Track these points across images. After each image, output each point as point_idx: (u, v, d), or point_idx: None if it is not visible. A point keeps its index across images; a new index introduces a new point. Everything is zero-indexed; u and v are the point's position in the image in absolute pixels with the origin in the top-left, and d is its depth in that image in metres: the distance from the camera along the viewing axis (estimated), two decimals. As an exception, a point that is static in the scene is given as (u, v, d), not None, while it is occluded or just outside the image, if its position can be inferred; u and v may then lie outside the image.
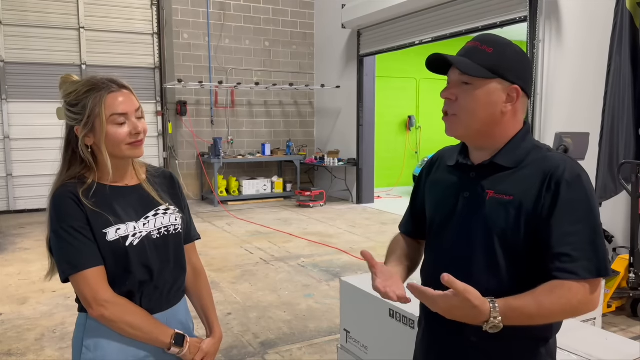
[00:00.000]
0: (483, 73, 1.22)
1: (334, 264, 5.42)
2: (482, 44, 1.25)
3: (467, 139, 1.32)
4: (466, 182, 1.32)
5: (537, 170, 1.22)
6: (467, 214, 1.29)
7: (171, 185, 1.63)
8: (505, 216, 1.22)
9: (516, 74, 1.24)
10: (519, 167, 1.25)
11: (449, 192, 1.35)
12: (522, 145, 1.27)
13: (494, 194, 1.25)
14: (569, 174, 1.19)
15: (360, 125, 9.22)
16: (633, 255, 3.97)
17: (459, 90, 1.26)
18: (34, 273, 5.11)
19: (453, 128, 1.30)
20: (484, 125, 1.25)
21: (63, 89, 1.46)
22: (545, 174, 1.20)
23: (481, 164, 1.30)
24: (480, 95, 1.23)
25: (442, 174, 1.41)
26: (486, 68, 1.22)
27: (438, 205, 1.39)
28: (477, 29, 6.58)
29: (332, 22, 9.48)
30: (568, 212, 1.17)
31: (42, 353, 3.40)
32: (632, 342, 1.93)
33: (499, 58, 1.23)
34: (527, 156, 1.26)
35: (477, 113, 1.24)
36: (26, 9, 8.34)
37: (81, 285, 1.37)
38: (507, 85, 1.24)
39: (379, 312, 2.20)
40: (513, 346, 1.25)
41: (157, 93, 9.30)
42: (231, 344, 3.49)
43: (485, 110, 1.24)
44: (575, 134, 4.10)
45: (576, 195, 1.18)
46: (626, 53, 4.41)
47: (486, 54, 1.23)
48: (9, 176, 8.46)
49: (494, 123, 1.25)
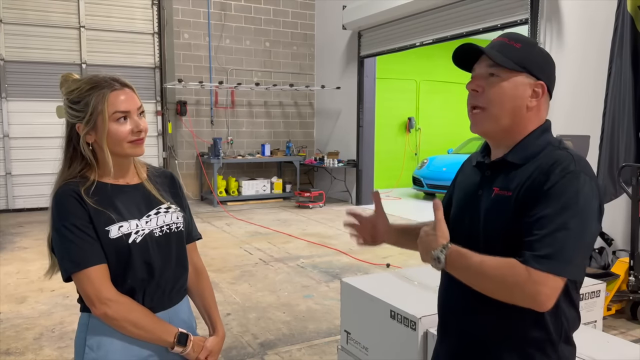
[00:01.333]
0: (512, 65, 1.23)
1: (333, 265, 5.42)
2: (510, 40, 1.27)
3: (493, 134, 1.30)
4: (483, 180, 1.33)
5: (539, 165, 1.21)
6: (477, 211, 1.30)
7: (172, 185, 1.64)
8: (504, 212, 1.22)
9: (542, 71, 1.26)
10: (527, 164, 1.24)
11: (468, 192, 1.37)
12: (535, 143, 1.27)
13: (498, 191, 1.26)
14: (562, 169, 1.17)
15: (360, 127, 9.22)
16: (633, 258, 3.97)
17: (485, 82, 1.26)
18: (33, 272, 5.09)
19: (480, 123, 1.29)
20: (510, 118, 1.25)
21: (64, 87, 1.46)
22: (542, 169, 1.19)
23: (494, 161, 1.31)
24: (507, 87, 1.24)
25: (465, 176, 1.43)
26: (514, 62, 1.24)
27: (457, 202, 1.41)
28: (477, 31, 6.59)
29: (333, 23, 9.48)
30: (545, 202, 1.15)
31: (41, 352, 3.39)
32: (634, 345, 1.93)
33: (526, 53, 1.25)
34: (539, 154, 1.25)
35: (504, 105, 1.24)
36: (26, 7, 8.34)
37: (84, 283, 1.37)
38: (533, 80, 1.25)
39: (379, 314, 2.19)
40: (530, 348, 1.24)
41: (157, 93, 9.29)
42: (230, 344, 3.49)
43: (513, 102, 1.24)
44: (576, 137, 4.11)
45: (561, 190, 1.15)
46: (627, 56, 4.41)
47: (515, 49, 1.25)
48: (8, 175, 8.45)
49: (519, 117, 1.26)
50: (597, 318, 2.68)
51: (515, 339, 1.25)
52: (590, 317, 2.65)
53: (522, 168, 1.24)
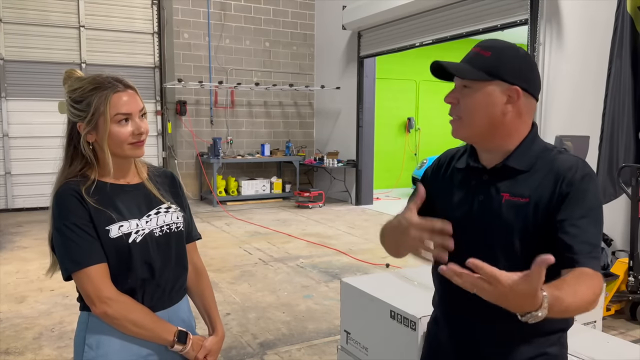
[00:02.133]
0: (480, 76, 1.25)
1: (333, 265, 5.42)
2: (481, 49, 1.28)
3: (472, 140, 1.35)
4: (479, 185, 1.34)
5: (550, 171, 1.26)
6: (484, 217, 1.30)
7: (172, 185, 1.64)
8: (524, 218, 1.25)
9: (516, 75, 1.26)
10: (532, 170, 1.28)
11: (462, 196, 1.36)
12: (533, 148, 1.30)
13: (509, 197, 1.27)
14: (581, 174, 1.23)
15: (360, 127, 9.22)
16: (632, 259, 3.97)
17: (460, 94, 1.30)
18: (32, 272, 5.09)
19: (457, 130, 1.33)
20: (485, 126, 1.28)
21: (67, 84, 1.46)
22: (559, 175, 1.24)
23: (494, 167, 1.32)
24: (479, 98, 1.26)
25: (453, 177, 1.42)
26: (484, 71, 1.25)
27: (454, 208, 1.38)
28: (477, 32, 6.59)
29: (333, 23, 9.48)
30: (578, 204, 1.21)
31: (41, 352, 3.39)
32: (633, 346, 1.93)
33: (496, 61, 1.26)
34: (538, 158, 1.29)
35: (477, 114, 1.27)
36: (26, 6, 8.33)
37: (84, 282, 1.37)
38: (507, 86, 1.25)
39: (379, 314, 2.20)
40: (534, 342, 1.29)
41: (156, 92, 9.29)
42: (230, 344, 3.49)
43: (485, 111, 1.26)
44: (576, 137, 4.11)
45: (587, 192, 1.22)
46: (626, 57, 4.42)
47: (484, 58, 1.27)
48: (8, 174, 8.44)
49: (496, 124, 1.27)
50: (596, 318, 2.68)
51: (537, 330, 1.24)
52: (589, 317, 2.65)
53: (528, 173, 1.28)
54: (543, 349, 1.29)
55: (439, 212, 1.43)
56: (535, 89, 1.30)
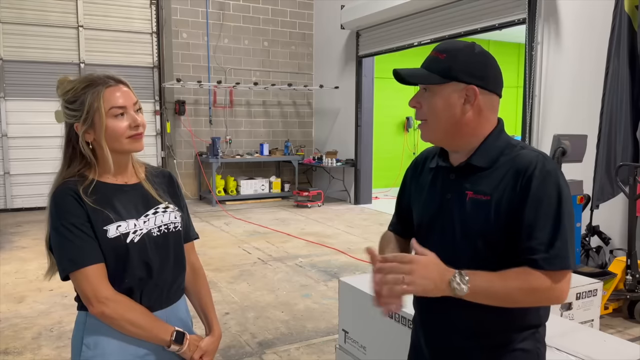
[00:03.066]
0: (433, 79, 1.28)
1: (332, 264, 5.42)
2: (437, 52, 1.30)
3: (439, 142, 1.37)
4: (448, 184, 1.36)
5: (511, 168, 1.26)
6: (450, 216, 1.33)
7: (170, 185, 1.64)
8: (485, 216, 1.26)
9: (470, 74, 1.26)
10: (494, 167, 1.29)
11: (433, 195, 1.39)
12: (495, 144, 1.31)
13: (473, 195, 1.29)
14: (540, 171, 1.22)
15: (359, 126, 9.22)
16: (630, 257, 3.98)
17: (422, 98, 1.33)
18: (31, 271, 5.10)
19: (424, 134, 1.36)
20: (448, 126, 1.30)
21: (60, 89, 1.47)
22: (519, 172, 1.24)
23: (459, 165, 1.34)
24: (438, 100, 1.28)
25: (425, 176, 1.45)
26: (439, 74, 1.27)
27: (423, 207, 1.42)
28: (475, 31, 6.60)
29: (331, 22, 9.48)
30: (535, 206, 1.21)
31: (39, 352, 3.39)
32: (630, 344, 1.94)
33: (450, 62, 1.27)
34: (501, 155, 1.29)
35: (439, 116, 1.29)
36: (24, 7, 8.33)
37: (82, 282, 1.37)
38: (463, 86, 1.27)
39: (377, 313, 2.19)
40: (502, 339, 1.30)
41: (155, 92, 9.29)
42: (229, 343, 3.49)
43: (445, 112, 1.28)
44: (573, 136, 4.12)
45: (545, 191, 1.21)
46: (624, 56, 4.43)
47: (439, 61, 1.29)
48: (6, 174, 8.44)
49: (458, 124, 1.29)
50: (594, 317, 2.69)
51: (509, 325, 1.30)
52: (587, 316, 2.66)
53: (490, 171, 1.29)
54: (515, 345, 1.30)
55: (414, 212, 1.47)
56: (494, 85, 1.30)
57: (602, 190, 4.45)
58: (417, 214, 1.45)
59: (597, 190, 4.47)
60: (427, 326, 1.44)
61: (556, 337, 1.84)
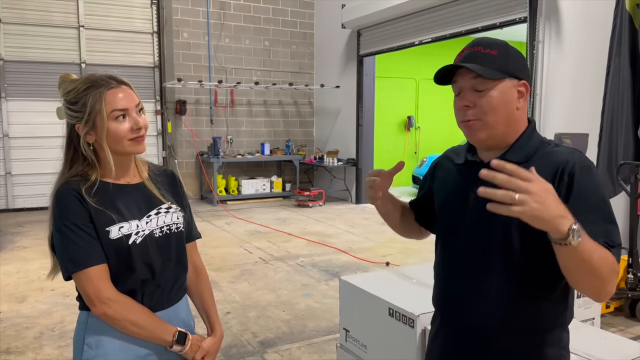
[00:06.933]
0: (497, 75, 1.25)
1: (333, 264, 5.43)
2: (484, 48, 1.27)
3: (492, 139, 1.30)
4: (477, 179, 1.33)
5: (547, 163, 1.24)
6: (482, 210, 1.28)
7: (173, 184, 1.63)
8: None
9: (522, 70, 1.29)
10: (529, 162, 1.26)
11: (459, 190, 1.37)
12: (530, 142, 1.31)
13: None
14: (580, 166, 1.22)
15: (360, 125, 9.22)
16: (631, 256, 3.97)
17: (474, 96, 1.27)
18: (33, 271, 5.10)
19: (475, 133, 1.29)
20: (506, 124, 1.28)
21: (62, 87, 1.46)
22: (557, 167, 1.23)
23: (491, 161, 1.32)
24: (497, 96, 1.25)
25: (451, 173, 1.43)
26: (497, 70, 1.25)
27: (448, 202, 1.41)
28: (476, 30, 6.59)
29: (332, 22, 9.48)
30: (583, 200, 1.19)
31: (41, 351, 3.40)
32: (631, 342, 1.94)
33: (505, 59, 1.27)
34: (536, 151, 1.29)
35: (499, 113, 1.26)
36: (26, 7, 8.34)
37: (84, 283, 1.37)
38: (516, 82, 1.27)
39: (378, 311, 2.20)
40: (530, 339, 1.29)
41: (156, 92, 9.29)
42: (230, 343, 3.50)
43: (505, 108, 1.26)
44: (575, 135, 4.12)
45: (589, 185, 1.20)
46: (625, 54, 4.42)
47: (493, 56, 1.26)
48: (8, 174, 8.46)
49: (513, 120, 1.28)
50: (594, 315, 2.70)
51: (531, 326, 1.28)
52: (588, 314, 2.66)
53: (525, 165, 1.25)
54: (540, 350, 1.28)
55: (437, 209, 1.46)
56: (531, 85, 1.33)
57: (603, 189, 4.44)
58: (440, 210, 1.44)
59: (599, 188, 4.45)
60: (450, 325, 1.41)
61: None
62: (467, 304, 1.33)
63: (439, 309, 1.46)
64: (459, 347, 1.38)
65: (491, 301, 1.23)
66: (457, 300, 1.36)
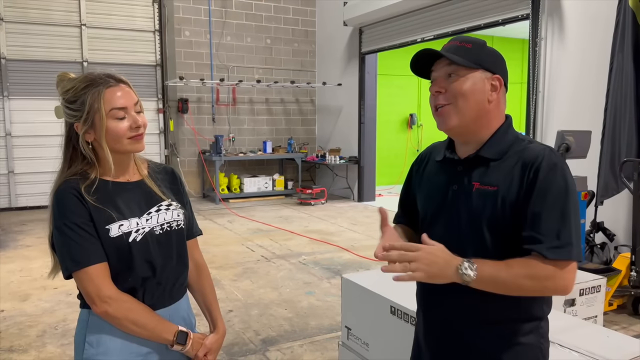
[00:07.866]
0: (469, 63, 1.30)
1: (335, 262, 5.42)
2: (461, 42, 1.34)
3: (460, 127, 1.34)
4: (454, 175, 1.38)
5: (518, 160, 1.29)
6: (456, 206, 1.35)
7: (173, 181, 1.63)
8: (492, 206, 1.28)
9: (495, 66, 1.34)
10: (503, 159, 1.31)
11: (439, 186, 1.41)
12: (505, 138, 1.34)
13: (479, 186, 1.31)
14: (546, 163, 1.25)
15: (362, 123, 9.21)
16: (635, 254, 3.96)
17: (446, 83, 1.32)
18: (36, 270, 5.12)
19: (447, 117, 1.34)
20: (475, 111, 1.31)
21: (60, 86, 1.46)
22: (526, 164, 1.27)
23: (467, 157, 1.36)
24: (468, 83, 1.31)
25: (431, 169, 1.48)
26: (469, 60, 1.31)
27: (429, 199, 1.45)
28: (479, 27, 6.58)
29: (334, 19, 9.46)
30: (541, 197, 1.23)
31: (44, 349, 3.41)
32: (633, 340, 1.93)
33: (478, 52, 1.33)
34: (510, 148, 1.32)
35: (468, 98, 1.30)
36: (27, 6, 8.35)
37: (85, 281, 1.37)
38: (489, 75, 1.32)
39: (380, 309, 2.20)
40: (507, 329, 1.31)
41: (158, 90, 9.30)
42: (232, 341, 3.50)
43: (475, 96, 1.31)
44: (577, 132, 4.10)
45: (551, 182, 1.23)
46: (628, 51, 4.40)
47: (467, 49, 1.33)
48: (11, 173, 8.47)
49: (483, 111, 1.32)
50: (597, 313, 2.69)
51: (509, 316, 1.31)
52: (590, 312, 2.65)
53: (498, 162, 1.31)
54: (519, 339, 1.31)
55: (419, 204, 1.50)
56: (506, 82, 1.37)
57: (606, 186, 4.43)
58: (422, 206, 1.48)
59: (602, 186, 4.45)
60: (430, 316, 1.45)
61: (559, 333, 1.83)
62: (444, 296, 1.35)
63: (419, 302, 1.51)
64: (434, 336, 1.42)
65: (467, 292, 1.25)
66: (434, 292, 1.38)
